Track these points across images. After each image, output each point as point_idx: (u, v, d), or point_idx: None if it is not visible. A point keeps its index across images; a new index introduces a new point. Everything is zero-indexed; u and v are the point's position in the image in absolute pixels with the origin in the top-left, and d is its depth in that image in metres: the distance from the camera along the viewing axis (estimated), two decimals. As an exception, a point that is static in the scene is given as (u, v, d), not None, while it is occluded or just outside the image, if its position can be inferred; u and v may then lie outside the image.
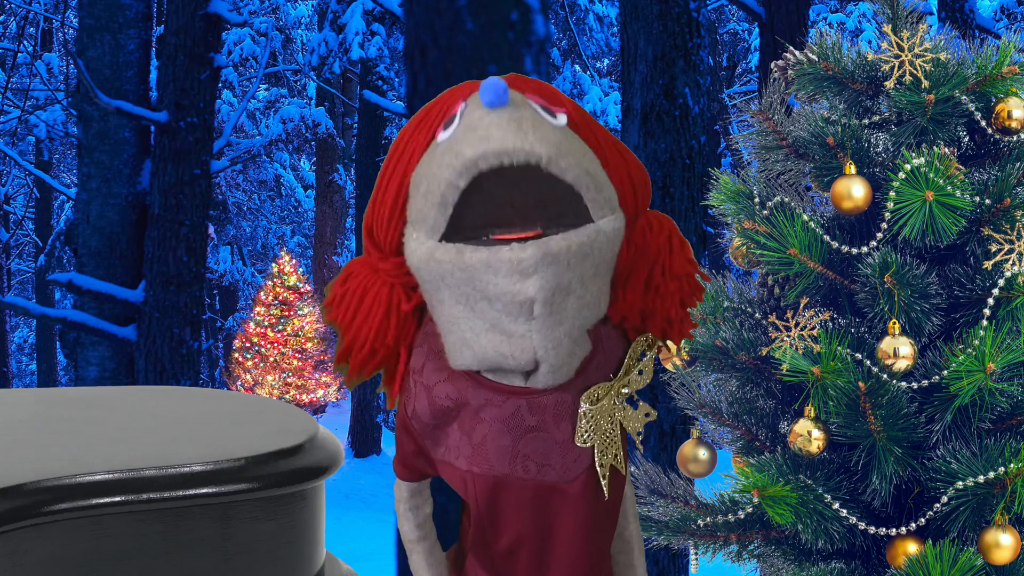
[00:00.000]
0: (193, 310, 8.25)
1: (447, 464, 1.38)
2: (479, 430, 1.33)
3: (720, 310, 2.37)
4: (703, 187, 5.77)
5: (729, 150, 13.42)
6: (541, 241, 1.23)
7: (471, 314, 1.28)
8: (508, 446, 1.33)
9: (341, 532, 9.33)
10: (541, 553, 1.38)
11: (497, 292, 1.24)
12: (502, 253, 1.23)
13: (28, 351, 24.86)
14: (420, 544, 1.47)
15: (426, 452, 1.40)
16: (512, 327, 1.26)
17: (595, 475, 1.36)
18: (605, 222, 1.28)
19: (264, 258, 23.37)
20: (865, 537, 2.19)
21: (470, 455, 1.35)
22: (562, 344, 1.28)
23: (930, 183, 2.09)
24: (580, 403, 1.33)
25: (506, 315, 1.25)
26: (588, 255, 1.26)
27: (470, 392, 1.33)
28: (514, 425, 1.32)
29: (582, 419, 1.33)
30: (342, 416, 18.99)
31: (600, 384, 1.35)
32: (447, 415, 1.35)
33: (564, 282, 1.24)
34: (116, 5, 7.95)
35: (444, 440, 1.37)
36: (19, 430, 1.57)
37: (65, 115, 16.04)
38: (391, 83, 15.23)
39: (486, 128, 1.22)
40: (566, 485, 1.35)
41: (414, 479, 1.45)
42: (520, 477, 1.34)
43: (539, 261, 1.22)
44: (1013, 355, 2.08)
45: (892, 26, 2.26)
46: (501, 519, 1.37)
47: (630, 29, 6.01)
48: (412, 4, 3.55)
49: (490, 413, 1.33)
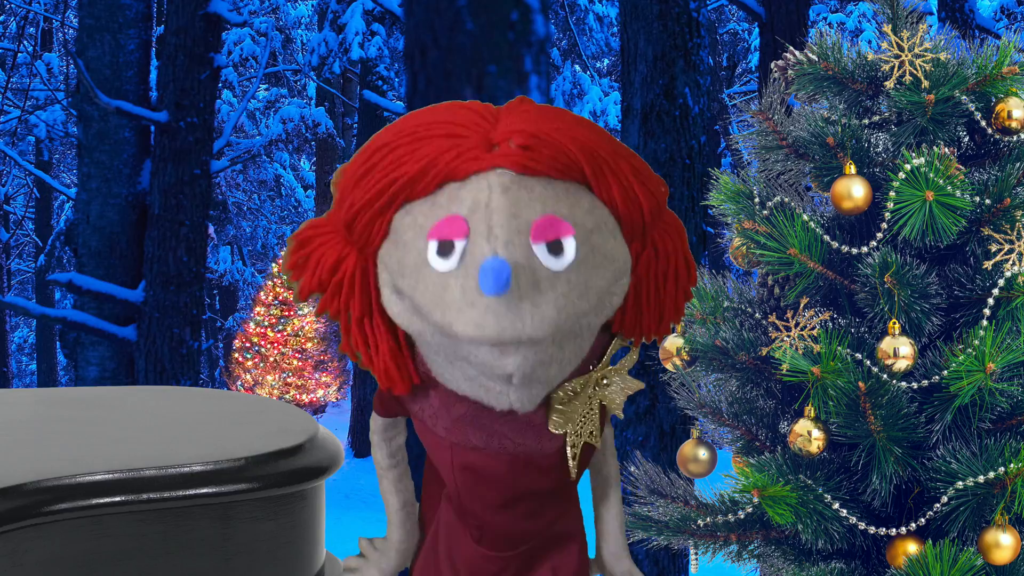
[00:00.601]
0: (193, 310, 8.26)
1: (423, 423, 1.40)
2: (457, 407, 1.35)
3: (720, 310, 2.37)
4: (703, 187, 5.77)
5: (729, 150, 13.42)
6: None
7: (450, 366, 1.29)
8: (485, 425, 1.35)
9: (341, 532, 9.32)
10: (518, 515, 1.42)
11: (477, 362, 1.24)
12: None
13: (28, 351, 24.87)
14: (390, 471, 1.52)
15: (402, 401, 1.42)
16: (490, 384, 1.27)
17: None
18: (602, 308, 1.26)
19: (264, 258, 23.38)
20: (865, 537, 2.19)
21: (448, 426, 1.37)
22: (538, 397, 1.29)
23: (930, 183, 2.09)
24: (553, 403, 1.34)
25: (484, 376, 1.26)
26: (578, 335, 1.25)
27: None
28: (490, 408, 1.34)
29: (553, 413, 1.34)
30: (342, 416, 19.00)
31: (576, 380, 1.34)
32: (430, 378, 1.36)
33: (546, 358, 1.24)
34: (116, 5, 7.96)
35: (422, 399, 1.38)
36: (19, 430, 1.57)
37: (65, 115, 16.05)
38: (391, 83, 15.24)
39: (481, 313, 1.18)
40: (542, 459, 1.38)
41: (389, 416, 1.49)
42: (495, 451, 1.36)
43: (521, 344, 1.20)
44: (1013, 355, 2.08)
45: (892, 26, 2.26)
46: (478, 487, 1.40)
47: (630, 29, 6.01)
48: (412, 4, 3.55)
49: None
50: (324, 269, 1.33)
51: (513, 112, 1.28)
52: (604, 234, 1.27)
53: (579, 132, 1.29)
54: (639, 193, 1.31)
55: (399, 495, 1.52)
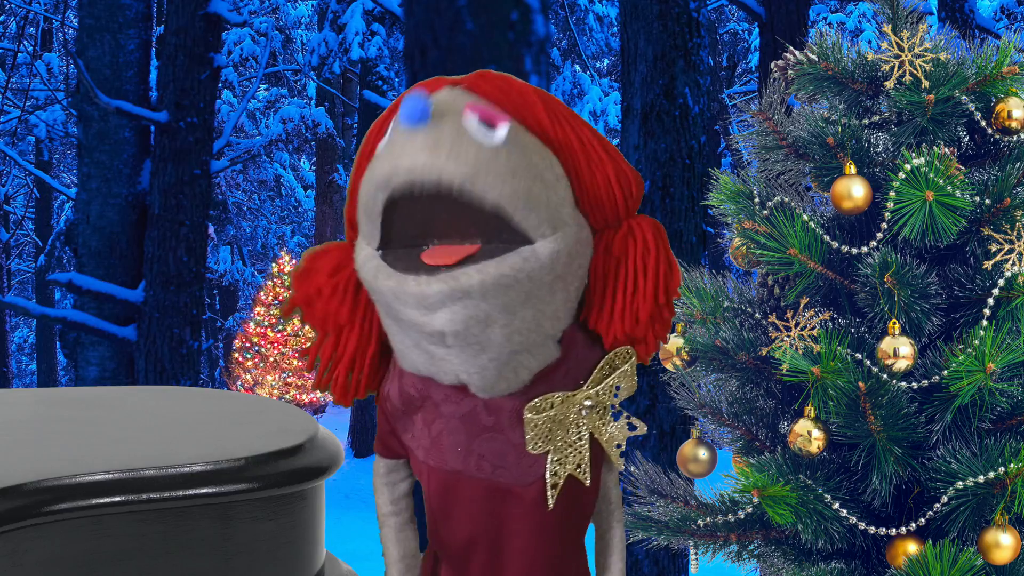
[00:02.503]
0: (193, 310, 8.25)
1: (411, 451, 1.38)
2: (437, 424, 1.33)
3: (720, 310, 2.37)
4: (703, 187, 5.77)
5: (729, 150, 13.42)
6: (450, 275, 1.18)
7: (399, 330, 1.27)
8: (463, 443, 1.31)
9: (341, 532, 9.31)
10: (495, 555, 1.36)
11: (407, 321, 1.23)
12: (408, 285, 1.20)
13: (28, 351, 24.86)
14: (391, 519, 1.45)
15: (398, 434, 1.39)
16: (431, 349, 1.24)
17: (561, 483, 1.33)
18: (542, 244, 1.21)
19: (264, 258, 23.38)
20: (865, 537, 2.19)
21: (427, 447, 1.34)
22: (487, 369, 1.24)
23: (930, 183, 2.09)
24: (525, 412, 1.29)
25: (423, 339, 1.24)
26: (512, 285, 1.20)
27: (433, 386, 1.32)
28: (470, 423, 1.30)
29: (527, 427, 1.29)
30: (342, 416, 18.99)
31: (553, 394, 1.30)
32: (412, 404, 1.35)
33: (480, 314, 1.19)
34: (116, 5, 7.96)
35: (411, 427, 1.37)
36: (19, 430, 1.57)
37: (65, 115, 16.05)
38: (391, 83, 15.23)
39: (400, 147, 1.19)
40: (521, 489, 1.32)
41: (390, 457, 1.44)
42: (473, 475, 1.32)
43: (446, 296, 1.18)
44: (1013, 355, 2.08)
45: (892, 26, 2.26)
46: (453, 516, 1.35)
47: (630, 29, 6.01)
48: (412, 4, 3.56)
49: (448, 409, 1.31)
50: (324, 273, 1.33)
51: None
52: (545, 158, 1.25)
53: (539, 91, 1.32)
54: (607, 157, 1.30)
55: (399, 545, 1.44)
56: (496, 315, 1.20)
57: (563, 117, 1.30)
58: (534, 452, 1.30)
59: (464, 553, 1.37)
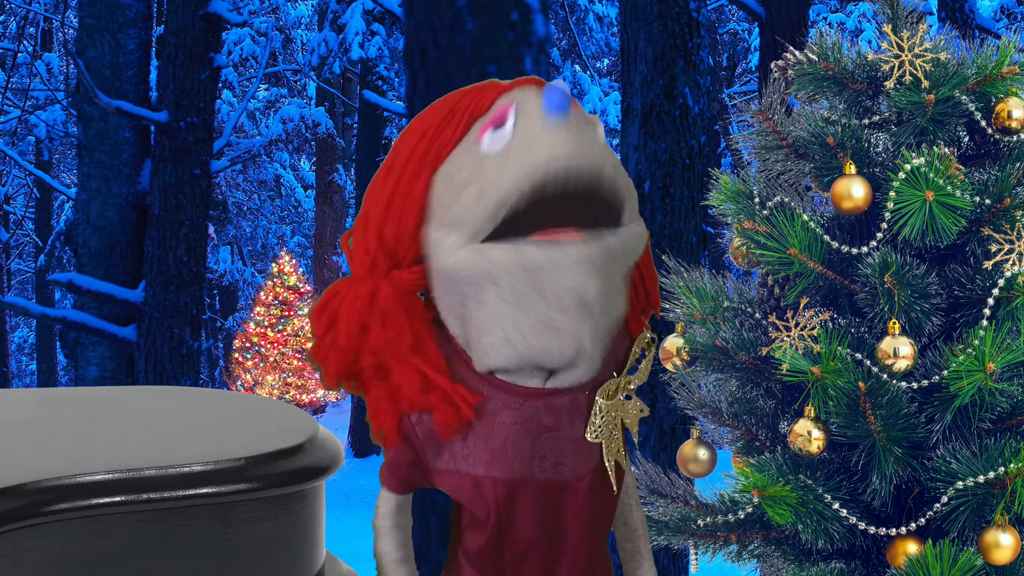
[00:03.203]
0: (193, 310, 8.25)
1: (451, 473, 1.36)
2: (496, 435, 1.33)
3: (720, 310, 2.36)
4: (703, 187, 5.77)
5: (729, 150, 13.42)
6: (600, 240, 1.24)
7: (519, 312, 1.26)
8: (527, 447, 1.33)
9: (341, 532, 9.31)
10: (552, 552, 1.38)
11: (557, 289, 1.24)
12: (565, 249, 1.23)
13: (28, 351, 24.86)
14: (402, 566, 1.44)
15: (424, 462, 1.38)
16: (563, 323, 1.26)
17: (601, 471, 1.37)
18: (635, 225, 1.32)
19: (264, 258, 23.38)
20: (865, 537, 2.19)
21: (489, 460, 1.33)
22: (604, 340, 1.31)
23: (930, 183, 2.09)
24: (596, 398, 1.34)
25: (560, 312, 1.25)
26: (631, 254, 1.30)
27: (486, 397, 1.33)
28: (533, 426, 1.32)
29: (596, 415, 1.34)
30: (342, 416, 18.99)
31: (611, 380, 1.36)
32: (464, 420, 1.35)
33: (616, 280, 1.28)
34: (116, 5, 7.95)
35: (448, 448, 1.35)
36: (19, 430, 1.57)
37: (65, 115, 16.05)
38: (391, 83, 15.24)
39: (552, 141, 1.21)
40: (576, 482, 1.35)
41: (403, 491, 1.44)
42: (537, 478, 1.34)
43: (603, 256, 1.24)
44: (1013, 355, 2.08)
45: (892, 26, 2.26)
46: (517, 523, 1.36)
47: (630, 29, 6.01)
48: (412, 4, 3.56)
49: (508, 416, 1.32)
50: (360, 306, 1.32)
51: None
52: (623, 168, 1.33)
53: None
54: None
55: None
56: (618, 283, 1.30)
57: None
58: (595, 440, 1.35)
59: (521, 560, 1.39)
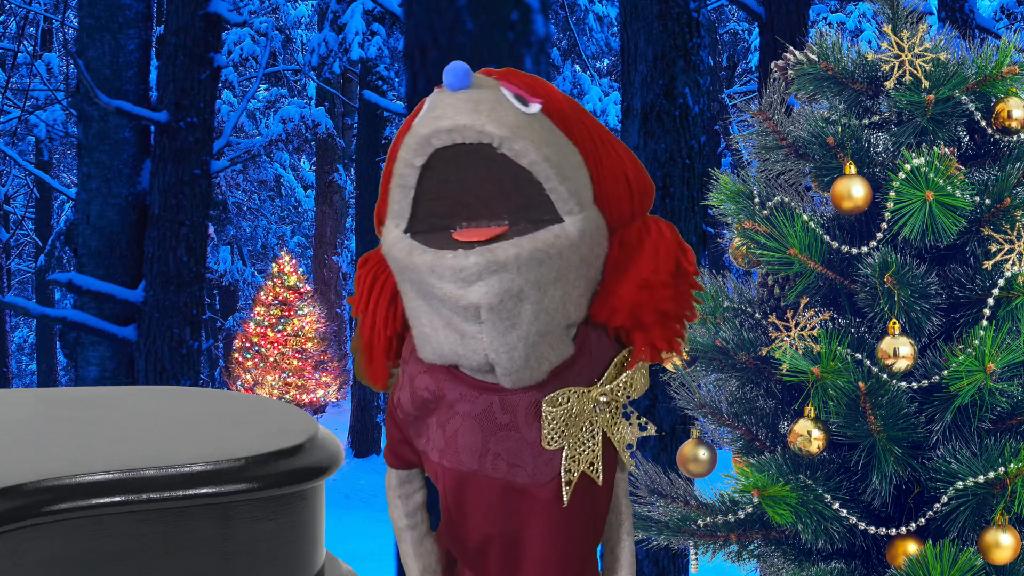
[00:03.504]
0: (193, 310, 8.25)
1: (425, 454, 1.38)
2: (452, 424, 1.33)
3: (720, 310, 2.37)
4: (703, 187, 5.77)
5: (729, 150, 13.42)
6: (487, 248, 1.21)
7: (429, 309, 1.28)
8: (478, 442, 1.32)
9: (341, 532, 9.32)
10: (511, 556, 1.36)
11: (442, 295, 1.24)
12: (445, 259, 1.22)
13: (28, 351, 24.86)
14: (409, 532, 1.45)
15: (410, 441, 1.39)
16: (463, 327, 1.25)
17: (574, 482, 1.33)
18: (571, 222, 1.25)
19: (264, 258, 23.38)
20: (865, 537, 2.19)
21: (442, 448, 1.34)
22: (516, 349, 1.25)
23: (930, 183, 2.09)
24: (543, 404, 1.30)
25: (456, 315, 1.25)
26: (544, 261, 1.23)
27: (447, 386, 1.33)
28: (485, 422, 1.31)
29: (544, 421, 1.31)
30: (342, 416, 18.99)
31: (569, 388, 1.31)
32: (426, 407, 1.35)
33: (514, 289, 1.22)
34: (116, 5, 7.95)
35: (425, 431, 1.37)
36: (19, 430, 1.57)
37: (65, 115, 16.05)
38: (391, 83, 15.24)
39: (442, 108, 1.22)
40: (536, 488, 1.32)
41: (402, 467, 1.44)
42: (489, 475, 1.32)
43: (483, 269, 1.20)
44: (1013, 355, 2.08)
45: (892, 26, 2.26)
46: (469, 517, 1.36)
47: (630, 29, 6.01)
48: (412, 4, 3.55)
49: (463, 408, 1.32)
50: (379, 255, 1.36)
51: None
52: (567, 147, 1.29)
53: (565, 95, 1.36)
54: (623, 156, 1.35)
55: (420, 559, 1.44)
56: (528, 291, 1.23)
57: (583, 115, 1.35)
58: (549, 448, 1.31)
59: (479, 553, 1.37)
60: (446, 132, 1.21)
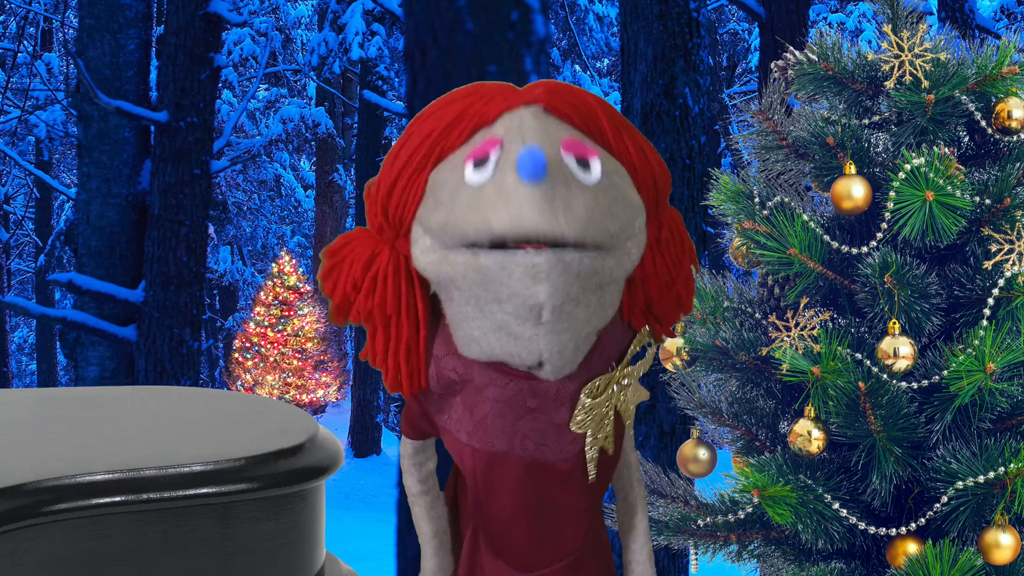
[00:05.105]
0: (193, 310, 8.25)
1: (448, 432, 1.42)
2: (481, 407, 1.36)
3: (720, 310, 2.37)
4: (703, 187, 5.77)
5: (729, 150, 13.42)
6: (554, 251, 1.24)
7: (480, 315, 1.30)
8: (508, 425, 1.36)
9: (341, 532, 9.33)
10: (537, 527, 1.42)
11: (508, 294, 1.25)
12: (517, 256, 1.24)
13: (28, 351, 24.86)
14: (422, 498, 1.51)
15: (430, 416, 1.43)
16: (519, 330, 1.28)
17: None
18: (622, 251, 1.31)
19: (264, 258, 23.38)
20: (865, 537, 2.19)
21: (471, 430, 1.38)
22: (567, 348, 1.31)
23: (930, 183, 2.09)
24: (582, 396, 1.36)
25: (515, 318, 1.28)
26: (599, 272, 1.28)
27: (476, 370, 1.35)
28: (515, 405, 1.35)
29: (581, 410, 1.36)
30: (342, 416, 18.99)
31: (602, 376, 1.37)
32: (452, 387, 1.38)
33: (574, 292, 1.26)
34: (116, 5, 7.95)
35: (447, 409, 1.41)
36: (19, 430, 1.57)
37: (65, 115, 16.04)
38: (391, 83, 15.24)
39: (518, 205, 1.22)
40: (560, 463, 1.39)
41: (418, 438, 1.49)
42: (518, 454, 1.38)
43: (552, 268, 1.23)
44: (1013, 355, 2.08)
45: (892, 26, 2.26)
46: (498, 493, 1.41)
47: (630, 29, 6.00)
48: (412, 4, 3.55)
49: (493, 392, 1.35)
50: (358, 267, 1.36)
51: (533, 83, 1.37)
52: (623, 178, 1.33)
53: (596, 98, 1.38)
54: (651, 159, 1.39)
55: (432, 523, 1.51)
56: (583, 296, 1.28)
57: (621, 127, 1.37)
58: (578, 431, 1.37)
59: (508, 525, 1.43)
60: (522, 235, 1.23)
